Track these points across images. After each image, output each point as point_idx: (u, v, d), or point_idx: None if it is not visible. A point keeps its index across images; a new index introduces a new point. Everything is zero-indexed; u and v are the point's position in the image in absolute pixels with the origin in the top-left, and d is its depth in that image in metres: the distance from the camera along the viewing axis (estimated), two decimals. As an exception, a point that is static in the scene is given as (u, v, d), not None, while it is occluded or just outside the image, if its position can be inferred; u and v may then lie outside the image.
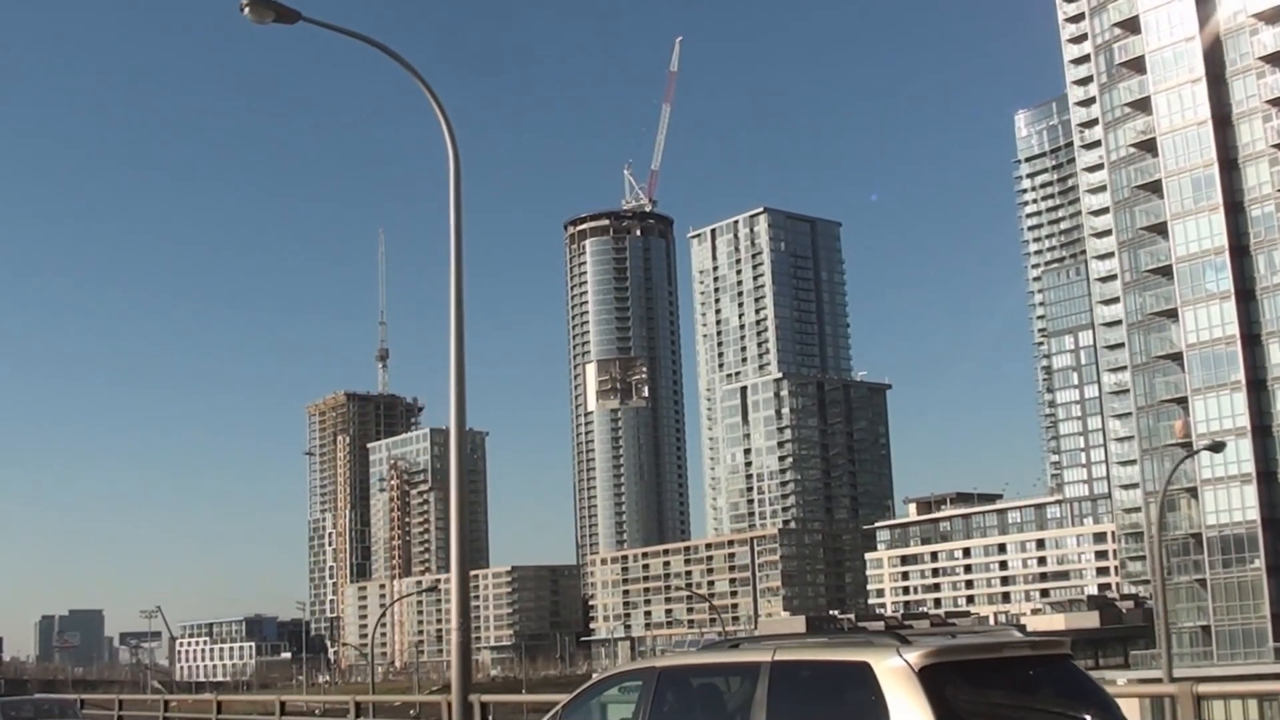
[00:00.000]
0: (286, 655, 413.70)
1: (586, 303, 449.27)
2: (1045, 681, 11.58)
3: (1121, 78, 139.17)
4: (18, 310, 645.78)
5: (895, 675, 10.45)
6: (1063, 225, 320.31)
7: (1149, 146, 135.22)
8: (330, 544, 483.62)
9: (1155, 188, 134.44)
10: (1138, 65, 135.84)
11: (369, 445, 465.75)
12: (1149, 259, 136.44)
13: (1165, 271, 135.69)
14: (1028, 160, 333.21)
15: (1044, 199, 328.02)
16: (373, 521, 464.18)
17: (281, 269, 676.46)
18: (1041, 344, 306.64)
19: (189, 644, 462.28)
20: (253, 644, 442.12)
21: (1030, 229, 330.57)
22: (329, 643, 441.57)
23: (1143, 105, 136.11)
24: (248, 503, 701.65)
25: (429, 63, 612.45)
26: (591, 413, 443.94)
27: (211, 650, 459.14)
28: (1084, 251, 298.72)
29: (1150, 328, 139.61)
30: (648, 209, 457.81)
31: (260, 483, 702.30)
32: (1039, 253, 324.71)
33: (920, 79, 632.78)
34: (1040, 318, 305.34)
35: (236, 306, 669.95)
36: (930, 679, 10.51)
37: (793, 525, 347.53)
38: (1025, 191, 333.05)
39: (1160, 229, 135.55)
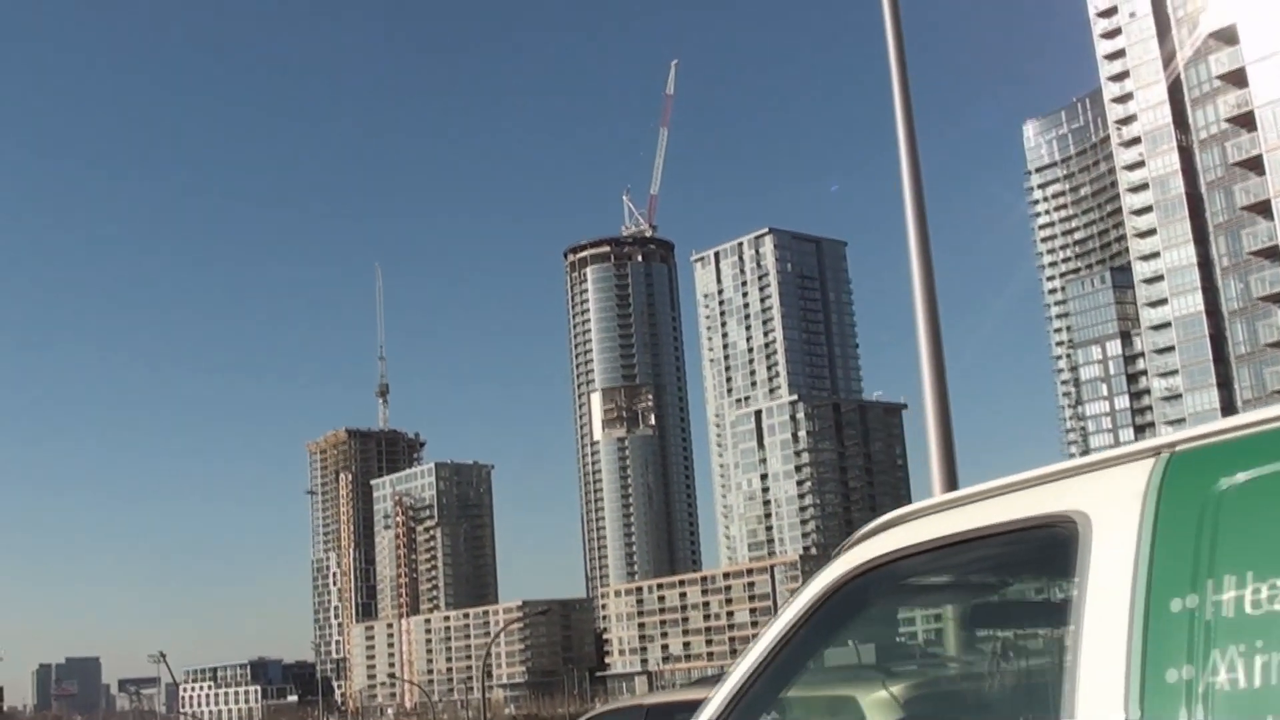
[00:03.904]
0: (293, 698, 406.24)
1: (589, 331, 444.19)
2: None
3: (1209, 50, 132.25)
4: (11, 353, 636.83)
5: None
6: (1077, 235, 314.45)
7: (1245, 121, 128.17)
8: (335, 584, 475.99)
9: (1255, 164, 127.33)
10: (1227, 36, 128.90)
11: (372, 482, 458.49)
12: (1250, 241, 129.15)
13: (1271, 253, 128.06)
14: (1038, 170, 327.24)
15: (1056, 209, 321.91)
16: (378, 559, 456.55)
17: (277, 306, 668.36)
18: (1061, 356, 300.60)
19: (192, 689, 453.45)
20: (257, 687, 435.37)
21: (1044, 240, 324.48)
22: (335, 685, 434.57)
23: (1236, 78, 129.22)
24: (249, 544, 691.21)
25: (423, 91, 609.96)
26: (598, 442, 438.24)
27: (215, 695, 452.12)
28: (1101, 261, 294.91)
29: (1256, 314, 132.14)
30: (648, 234, 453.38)
31: (261, 523, 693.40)
32: (1053, 264, 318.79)
33: (924, 92, 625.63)
34: (1061, 329, 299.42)
35: (233, 346, 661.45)
36: None
37: (814, 551, 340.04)
38: (1037, 202, 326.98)
39: (1263, 208, 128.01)
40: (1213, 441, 4.39)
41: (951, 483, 15.87)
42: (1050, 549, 4.63)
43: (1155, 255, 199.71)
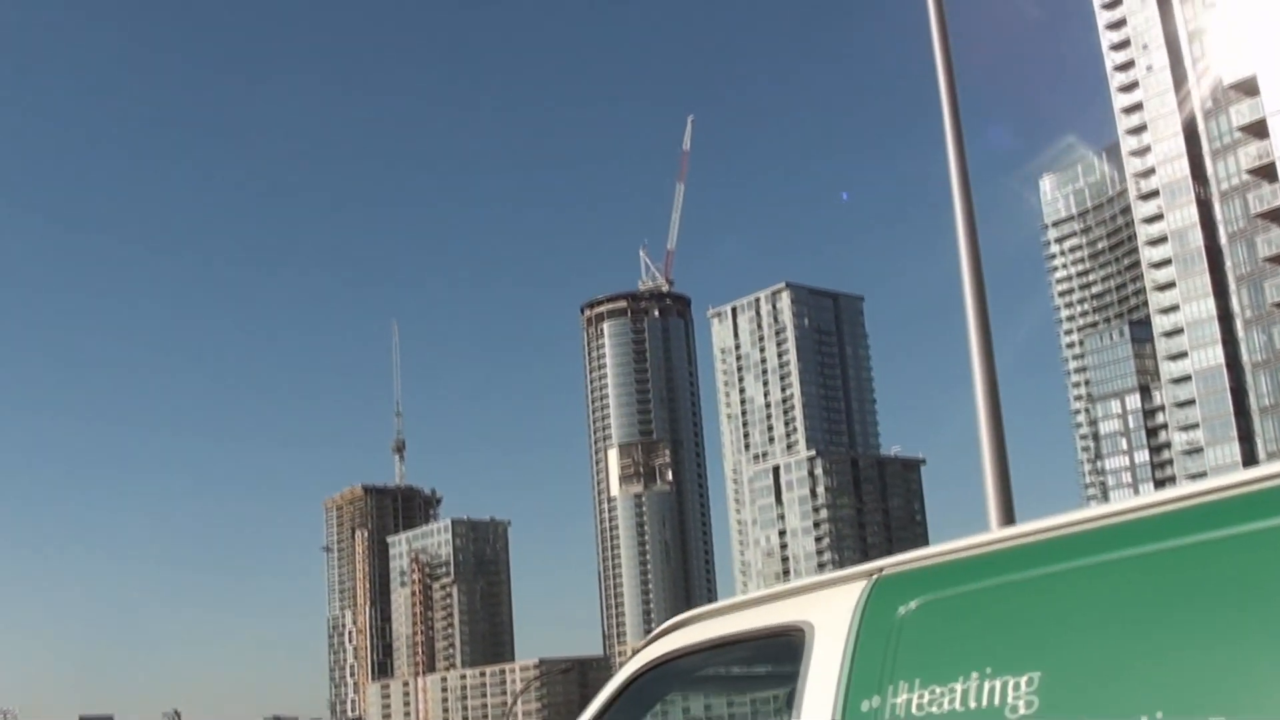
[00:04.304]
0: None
1: (606, 386, 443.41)
2: None
3: (1230, 101, 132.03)
4: (30, 401, 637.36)
5: None
6: (1094, 289, 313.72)
7: (1267, 173, 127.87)
8: (350, 641, 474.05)
9: (1277, 216, 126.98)
10: (1248, 87, 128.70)
11: (388, 539, 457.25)
12: (1273, 292, 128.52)
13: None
14: (1055, 224, 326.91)
15: (1074, 262, 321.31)
16: (394, 617, 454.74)
17: (294, 363, 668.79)
18: (1079, 410, 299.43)
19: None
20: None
21: (1061, 294, 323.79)
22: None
23: (1258, 130, 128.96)
24: (264, 600, 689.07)
25: (440, 147, 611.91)
26: (615, 498, 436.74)
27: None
28: (1119, 315, 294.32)
29: (1279, 367, 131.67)
30: (665, 289, 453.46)
31: (277, 579, 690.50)
32: (1070, 318, 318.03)
33: (938, 145, 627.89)
34: (1079, 384, 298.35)
35: (250, 402, 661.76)
36: None
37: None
38: (1054, 256, 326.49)
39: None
40: (908, 568, 5.63)
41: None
42: (787, 653, 5.84)
43: (1175, 308, 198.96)
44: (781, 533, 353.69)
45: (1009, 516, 15.86)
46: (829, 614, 5.73)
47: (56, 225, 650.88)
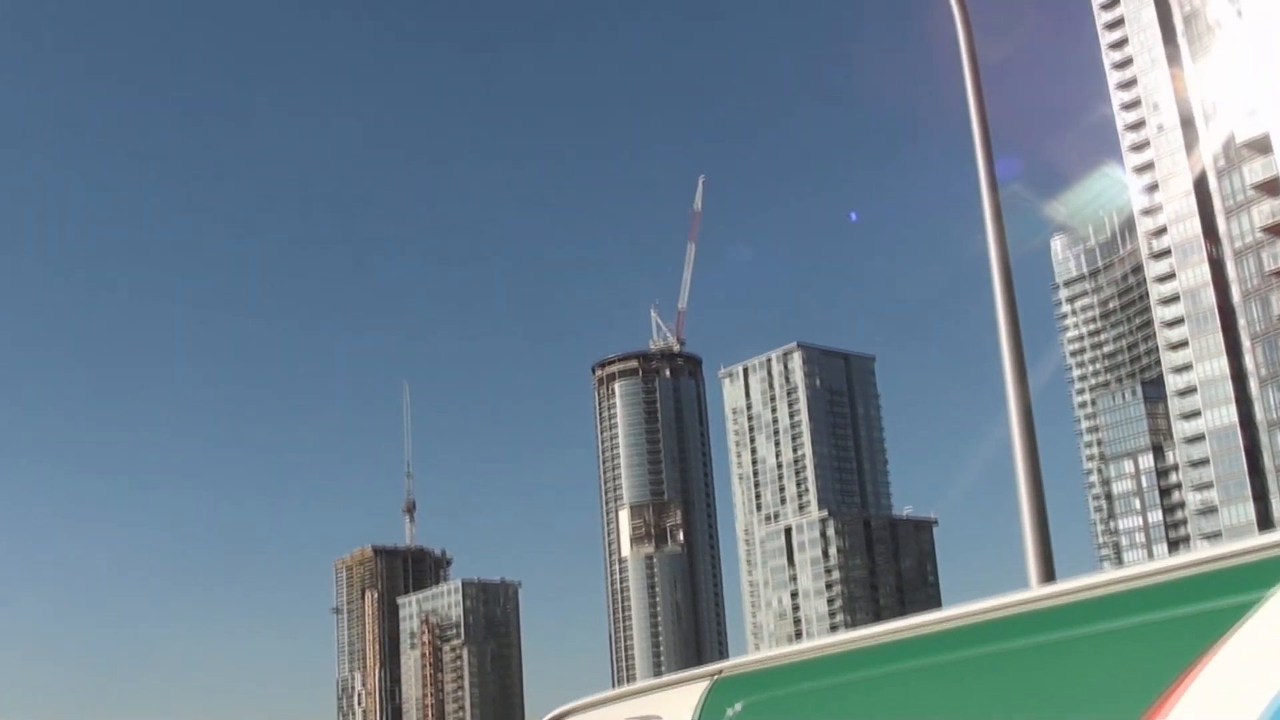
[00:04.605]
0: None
1: (617, 446, 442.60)
2: None
3: (1242, 159, 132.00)
4: (41, 452, 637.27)
5: None
6: (1106, 348, 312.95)
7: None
8: (360, 703, 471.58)
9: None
10: (1260, 145, 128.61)
11: (398, 600, 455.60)
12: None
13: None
14: (1066, 284, 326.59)
15: (1085, 322, 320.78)
16: (403, 679, 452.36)
17: (304, 423, 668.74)
18: (1092, 470, 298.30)
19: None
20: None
21: (1073, 353, 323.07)
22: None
23: (1270, 188, 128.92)
24: (273, 662, 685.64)
25: (449, 207, 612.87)
26: (625, 559, 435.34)
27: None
28: (1131, 374, 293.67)
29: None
30: (676, 349, 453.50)
31: (286, 641, 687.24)
32: (1082, 378, 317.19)
33: (957, 205, 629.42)
34: (1091, 443, 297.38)
35: (260, 462, 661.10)
36: None
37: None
38: (1065, 315, 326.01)
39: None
40: (744, 670, 6.26)
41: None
42: None
43: (1188, 367, 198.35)
44: (794, 594, 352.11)
45: (1049, 573, 15.42)
46: (675, 712, 6.30)
47: (78, 286, 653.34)
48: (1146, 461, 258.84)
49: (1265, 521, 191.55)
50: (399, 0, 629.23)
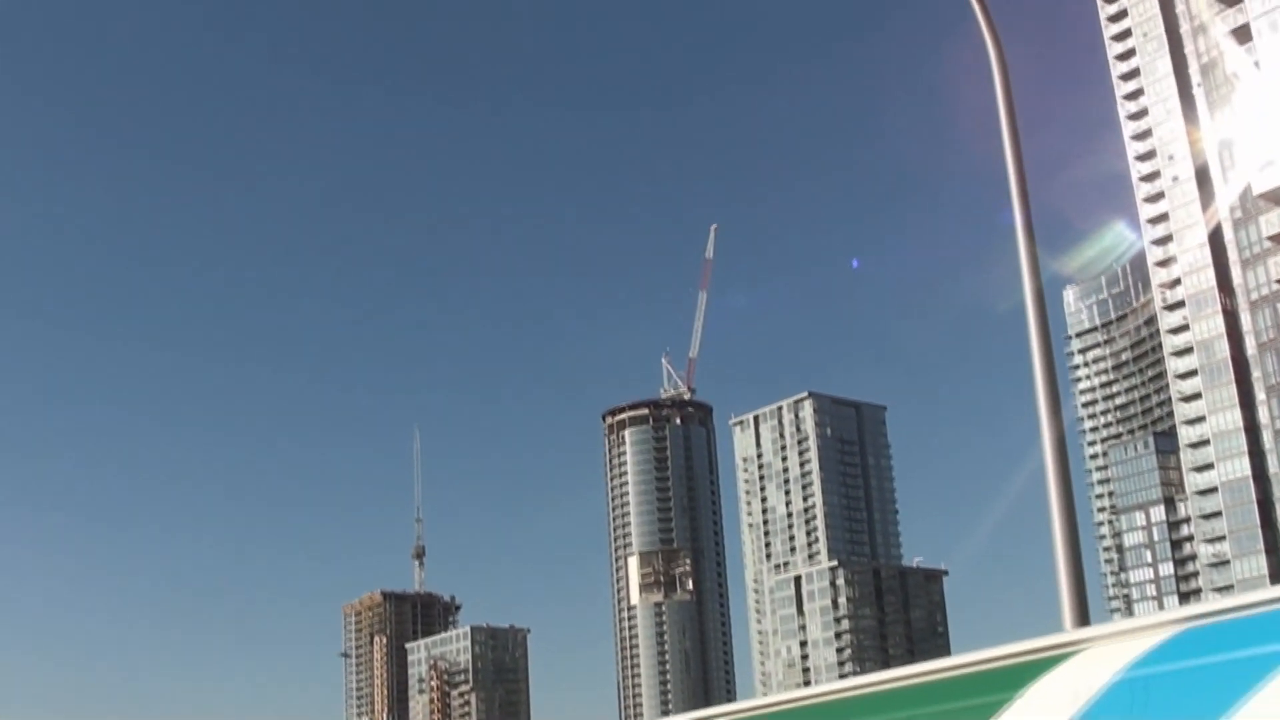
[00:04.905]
0: None
1: (627, 494, 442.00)
2: None
3: (1259, 211, 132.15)
4: (49, 498, 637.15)
5: None
6: (1118, 400, 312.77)
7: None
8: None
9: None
10: (1276, 196, 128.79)
11: (407, 645, 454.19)
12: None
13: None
14: (1078, 335, 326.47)
15: (1097, 373, 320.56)
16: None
17: (314, 468, 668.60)
18: (1103, 522, 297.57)
19: None
20: None
21: (1084, 405, 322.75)
22: None
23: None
24: (282, 707, 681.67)
25: (461, 255, 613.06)
26: (634, 607, 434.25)
27: None
28: (1143, 426, 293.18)
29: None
30: (687, 397, 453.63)
31: (294, 686, 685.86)
32: (1094, 429, 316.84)
33: (973, 258, 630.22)
34: (1103, 495, 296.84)
35: (269, 506, 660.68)
36: None
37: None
38: (1077, 367, 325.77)
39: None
40: None
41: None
42: None
43: (1201, 419, 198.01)
44: (803, 643, 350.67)
45: (1083, 617, 15.45)
46: None
47: (105, 342, 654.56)
48: (1158, 514, 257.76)
49: (1278, 575, 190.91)
50: (420, 58, 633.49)
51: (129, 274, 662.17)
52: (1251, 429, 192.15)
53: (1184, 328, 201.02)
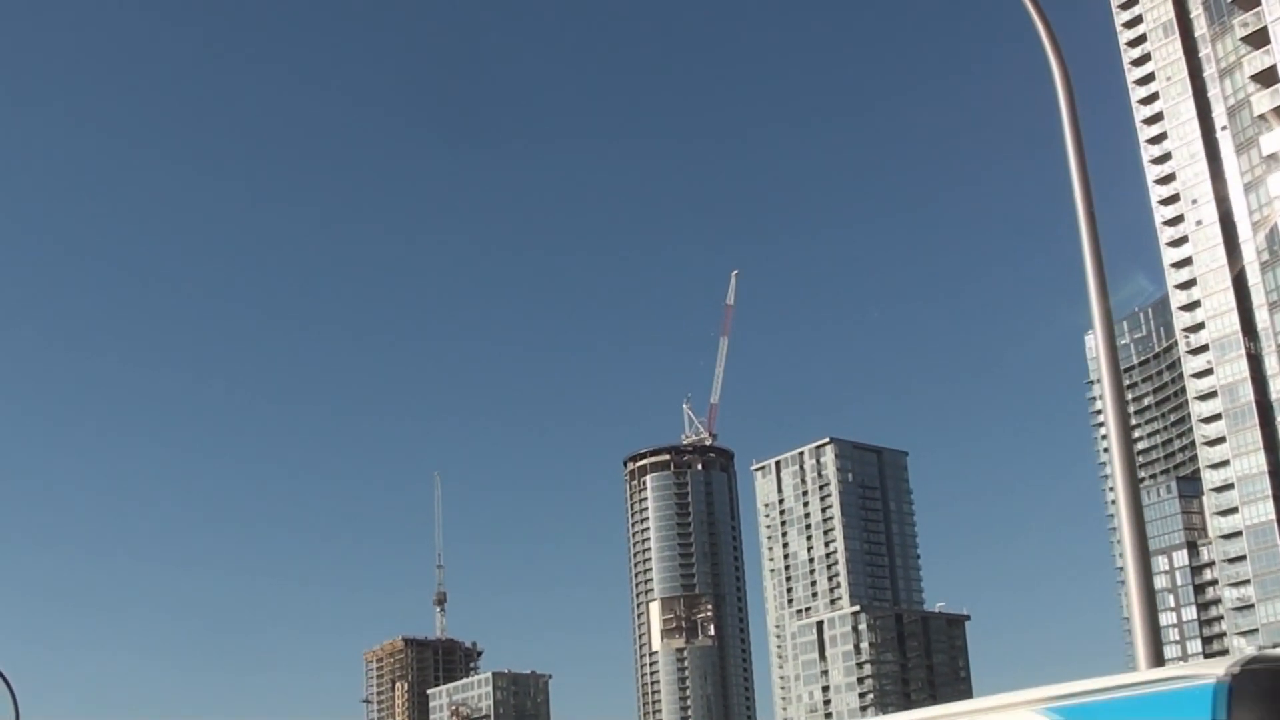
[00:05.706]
0: None
1: (649, 539, 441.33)
2: None
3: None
4: (67, 535, 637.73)
5: None
6: (1140, 445, 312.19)
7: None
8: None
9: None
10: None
11: (428, 691, 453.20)
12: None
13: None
14: (1100, 381, 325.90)
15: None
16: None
17: (335, 514, 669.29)
18: (1124, 567, 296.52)
19: None
20: None
21: (1106, 450, 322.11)
22: None
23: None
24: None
25: (482, 300, 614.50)
26: (656, 652, 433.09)
27: None
28: (1165, 471, 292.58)
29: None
30: (708, 443, 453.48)
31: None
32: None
33: (980, 301, 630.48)
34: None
35: (290, 551, 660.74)
36: None
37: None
38: (1099, 411, 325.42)
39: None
40: None
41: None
42: None
43: (1225, 464, 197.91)
44: (825, 689, 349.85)
45: (1158, 657, 16.00)
46: None
47: (129, 375, 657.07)
48: (1181, 558, 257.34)
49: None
50: (446, 93, 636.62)
51: (158, 303, 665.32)
52: (1276, 473, 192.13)
53: (1208, 371, 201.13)
